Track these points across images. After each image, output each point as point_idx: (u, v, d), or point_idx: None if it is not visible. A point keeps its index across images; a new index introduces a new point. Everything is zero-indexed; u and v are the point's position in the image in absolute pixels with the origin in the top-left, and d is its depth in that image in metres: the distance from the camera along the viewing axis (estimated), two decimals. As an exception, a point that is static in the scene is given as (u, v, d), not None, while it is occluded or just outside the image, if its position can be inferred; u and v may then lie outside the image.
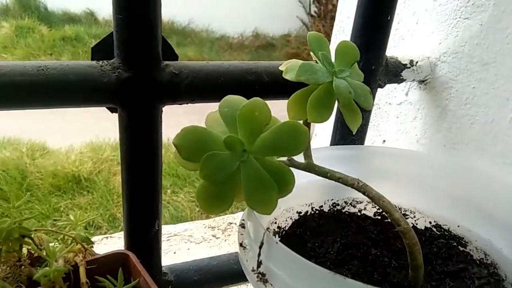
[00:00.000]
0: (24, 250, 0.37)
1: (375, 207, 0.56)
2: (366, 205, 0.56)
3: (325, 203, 0.55)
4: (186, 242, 0.80)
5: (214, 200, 0.38)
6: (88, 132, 2.71)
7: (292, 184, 0.41)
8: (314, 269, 0.30)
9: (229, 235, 0.83)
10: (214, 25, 4.95)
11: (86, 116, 2.96)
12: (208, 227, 0.85)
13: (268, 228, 0.47)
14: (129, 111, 0.43)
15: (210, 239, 0.81)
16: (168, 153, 2.67)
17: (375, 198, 0.43)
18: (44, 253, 0.36)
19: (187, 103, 0.45)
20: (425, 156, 0.53)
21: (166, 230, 0.82)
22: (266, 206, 0.38)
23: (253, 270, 0.36)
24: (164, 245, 0.78)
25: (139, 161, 0.45)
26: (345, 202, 0.56)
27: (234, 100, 0.41)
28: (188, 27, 4.88)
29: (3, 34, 4.21)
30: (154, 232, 0.50)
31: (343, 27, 0.73)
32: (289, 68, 0.44)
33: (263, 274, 0.35)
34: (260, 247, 0.35)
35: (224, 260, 0.58)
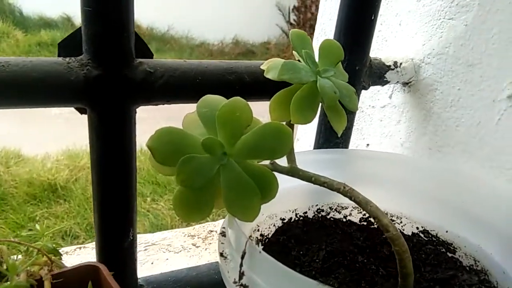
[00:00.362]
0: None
1: (360, 212, 0.54)
2: (352, 210, 0.54)
3: (309, 209, 0.53)
4: (165, 251, 0.76)
5: (192, 207, 0.36)
6: (64, 139, 2.64)
7: (276, 189, 0.38)
8: (300, 280, 0.28)
9: (210, 243, 0.80)
10: (194, 32, 4.92)
11: (62, 122, 2.89)
12: (188, 236, 0.82)
13: (250, 236, 0.45)
14: (99, 112, 0.40)
15: (190, 248, 0.78)
16: (148, 160, 2.62)
17: (362, 203, 0.41)
18: (4, 267, 0.33)
19: (162, 104, 0.43)
20: (412, 160, 0.52)
21: (144, 239, 0.78)
22: (248, 213, 0.36)
23: (234, 282, 0.33)
24: (141, 255, 0.75)
25: (111, 166, 0.42)
26: (330, 208, 0.54)
27: (213, 100, 0.39)
28: (168, 33, 4.84)
29: None
30: (128, 242, 0.47)
31: (325, 29, 0.72)
32: (271, 67, 0.42)
33: (245, 286, 0.32)
34: (242, 257, 0.32)
35: (204, 270, 0.55)
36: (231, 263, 0.35)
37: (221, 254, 0.37)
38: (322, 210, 0.54)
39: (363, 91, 0.70)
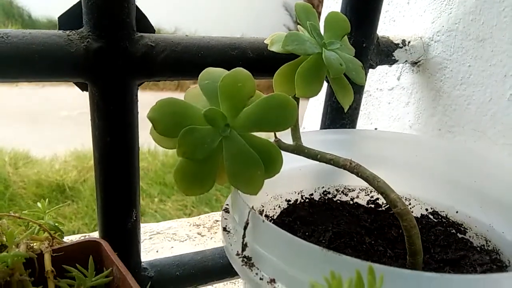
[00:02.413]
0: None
1: (368, 195, 0.53)
2: (359, 193, 0.53)
3: (315, 191, 0.52)
4: (170, 240, 0.76)
5: (193, 180, 0.35)
6: (72, 140, 2.66)
7: (280, 163, 0.37)
8: (304, 247, 0.27)
9: (215, 232, 0.79)
10: (201, 32, 4.91)
11: (70, 124, 2.90)
12: (193, 225, 0.81)
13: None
14: (100, 87, 0.39)
15: (195, 237, 0.77)
16: (156, 161, 2.63)
17: (369, 179, 0.40)
18: (4, 239, 0.32)
19: (164, 79, 0.42)
20: (421, 140, 0.50)
21: (149, 228, 0.78)
22: (251, 186, 0.35)
23: (237, 255, 0.32)
24: (147, 244, 0.74)
25: (112, 143, 0.41)
26: (337, 190, 0.53)
27: (215, 72, 0.38)
28: (175, 33, 4.84)
29: None
30: (131, 223, 0.46)
31: (331, 7, 0.70)
32: (275, 40, 0.41)
33: (248, 258, 0.31)
34: (245, 228, 0.31)
35: (209, 255, 0.54)
36: (234, 237, 0.34)
37: (224, 229, 0.36)
38: (329, 192, 0.53)
39: (370, 74, 0.69)
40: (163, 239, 0.76)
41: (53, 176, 2.37)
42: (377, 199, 0.53)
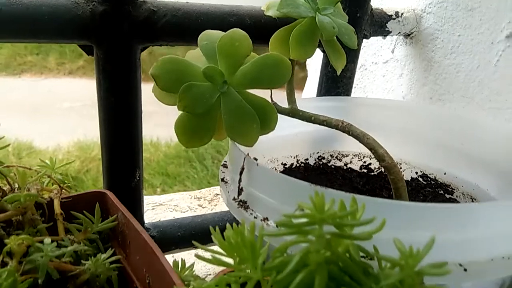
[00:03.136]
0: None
1: (360, 160, 0.55)
2: (352, 158, 0.55)
3: (310, 156, 0.54)
4: (172, 211, 0.78)
5: (193, 133, 0.37)
6: (75, 131, 2.68)
7: (275, 120, 0.40)
8: (294, 184, 0.29)
9: (216, 205, 0.82)
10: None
11: (73, 115, 2.92)
12: (194, 198, 0.84)
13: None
14: (105, 49, 0.41)
15: (196, 209, 0.80)
16: (158, 152, 2.65)
17: (359, 136, 0.43)
18: (16, 186, 0.35)
19: (166, 44, 0.44)
20: (412, 106, 0.52)
21: (151, 200, 0.80)
22: (247, 138, 0.37)
23: (234, 199, 0.34)
24: (149, 214, 0.77)
25: (117, 103, 0.43)
26: (331, 156, 0.55)
27: (214, 33, 0.40)
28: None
29: None
30: (135, 182, 0.48)
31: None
32: (271, 5, 0.43)
33: (244, 202, 0.33)
34: (241, 173, 0.34)
35: (209, 218, 0.57)
36: (231, 186, 0.36)
37: (222, 180, 0.38)
38: (323, 158, 0.55)
39: (366, 49, 0.70)
40: (165, 210, 0.78)
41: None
42: (370, 164, 0.55)
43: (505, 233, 0.28)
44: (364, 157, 0.55)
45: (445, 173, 0.49)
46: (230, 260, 0.24)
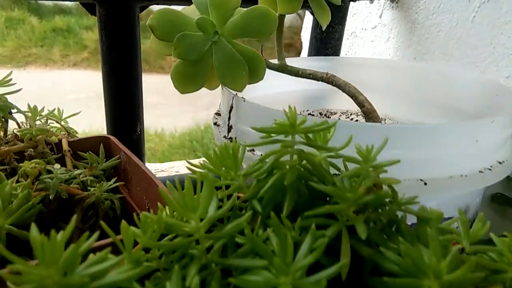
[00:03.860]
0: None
1: (348, 117, 0.59)
2: (340, 115, 0.59)
3: (300, 114, 0.58)
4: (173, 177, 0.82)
5: (187, 79, 0.41)
6: (80, 122, 2.71)
7: (263, 70, 0.43)
8: (280, 114, 0.33)
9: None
10: None
11: (77, 106, 2.95)
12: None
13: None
14: (106, 7, 0.44)
15: (196, 175, 0.83)
16: (163, 142, 2.69)
17: (341, 86, 0.46)
18: (29, 126, 0.38)
19: (162, 3, 0.47)
20: (396, 64, 0.55)
21: (153, 167, 0.84)
22: (237, 83, 0.40)
23: (224, 137, 0.38)
24: (151, 179, 0.80)
25: (118, 58, 0.47)
26: (320, 113, 0.59)
27: (206, -11, 0.43)
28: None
29: None
30: (136, 136, 0.52)
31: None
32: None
33: (234, 139, 0.37)
34: (230, 111, 0.37)
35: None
36: (223, 128, 0.40)
37: (215, 124, 0.42)
38: (313, 115, 0.58)
39: (356, 16, 0.73)
40: (167, 175, 0.82)
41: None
42: (357, 121, 0.58)
43: (464, 152, 0.32)
44: (351, 114, 0.58)
45: (425, 125, 0.52)
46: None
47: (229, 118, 0.37)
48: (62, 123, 0.44)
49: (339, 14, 0.55)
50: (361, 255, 0.24)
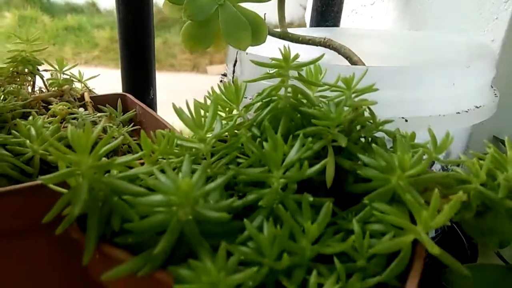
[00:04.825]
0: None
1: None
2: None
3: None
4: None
5: (196, 39, 0.45)
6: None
7: (265, 32, 0.47)
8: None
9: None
10: None
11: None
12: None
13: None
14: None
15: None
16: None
17: (337, 48, 0.50)
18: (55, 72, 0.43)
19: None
20: (391, 33, 0.59)
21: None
22: (241, 42, 0.44)
23: (229, 89, 0.42)
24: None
25: (133, 25, 0.51)
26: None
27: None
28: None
29: (6, 24, 4.25)
30: (149, 99, 0.56)
31: None
32: None
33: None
34: (234, 65, 0.41)
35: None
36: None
37: (221, 81, 0.46)
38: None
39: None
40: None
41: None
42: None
43: (442, 94, 0.35)
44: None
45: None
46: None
47: (233, 72, 0.41)
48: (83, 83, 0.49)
49: (338, -13, 0.59)
50: (344, 168, 0.28)
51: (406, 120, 0.34)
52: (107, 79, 0.52)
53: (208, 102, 0.32)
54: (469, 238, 0.52)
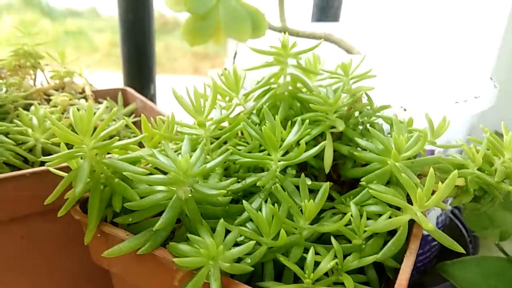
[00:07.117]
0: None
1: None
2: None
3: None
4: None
5: (196, 33, 0.45)
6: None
7: (265, 26, 0.47)
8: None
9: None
10: None
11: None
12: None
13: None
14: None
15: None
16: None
17: (337, 41, 0.50)
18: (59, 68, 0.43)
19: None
20: (393, 28, 0.59)
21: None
22: (241, 34, 0.45)
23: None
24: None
25: (134, 21, 0.51)
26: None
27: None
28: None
29: (6, 28, 4.28)
30: (150, 95, 0.57)
31: None
32: None
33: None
34: (234, 57, 0.42)
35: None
36: (228, 75, 0.44)
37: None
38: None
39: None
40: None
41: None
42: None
43: (441, 85, 0.36)
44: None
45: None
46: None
47: (233, 63, 0.42)
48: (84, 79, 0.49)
49: (337, -17, 0.59)
50: (343, 154, 0.28)
51: (405, 110, 0.34)
52: (109, 82, 0.52)
53: (208, 91, 0.33)
54: (471, 231, 0.52)
